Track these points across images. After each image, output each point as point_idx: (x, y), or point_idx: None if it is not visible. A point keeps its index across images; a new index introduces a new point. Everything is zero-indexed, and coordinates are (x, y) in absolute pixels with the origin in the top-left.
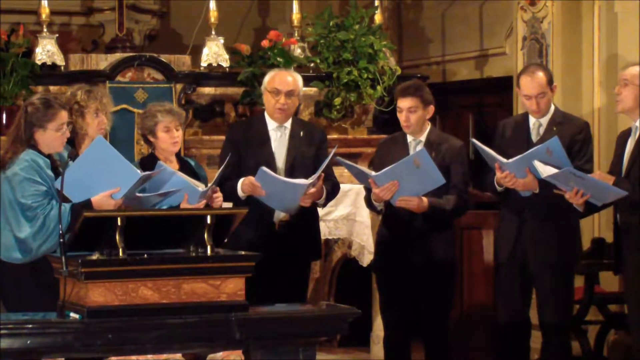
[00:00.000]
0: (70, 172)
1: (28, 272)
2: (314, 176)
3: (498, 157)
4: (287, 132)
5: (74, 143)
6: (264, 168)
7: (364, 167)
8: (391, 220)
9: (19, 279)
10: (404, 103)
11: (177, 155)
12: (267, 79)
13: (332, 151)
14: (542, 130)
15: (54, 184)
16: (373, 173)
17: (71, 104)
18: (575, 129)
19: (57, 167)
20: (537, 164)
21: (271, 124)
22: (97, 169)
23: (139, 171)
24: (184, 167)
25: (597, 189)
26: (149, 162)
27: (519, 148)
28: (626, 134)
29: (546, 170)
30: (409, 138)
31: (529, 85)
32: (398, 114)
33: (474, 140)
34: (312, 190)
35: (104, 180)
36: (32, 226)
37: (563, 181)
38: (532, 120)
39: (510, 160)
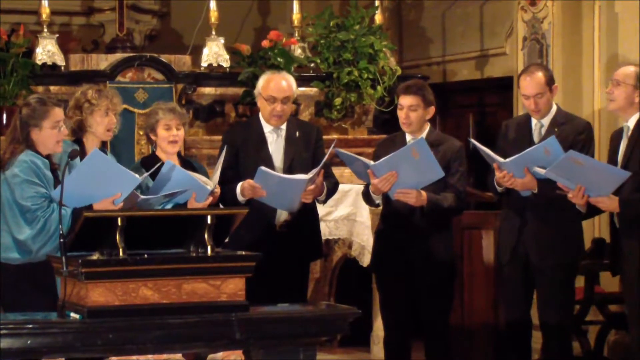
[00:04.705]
0: (67, 183)
1: (26, 272)
2: (313, 171)
3: (496, 157)
4: (283, 134)
5: (81, 142)
6: (263, 167)
7: (362, 157)
8: (390, 220)
9: (17, 279)
10: (405, 100)
11: (180, 156)
12: (261, 84)
13: (331, 148)
14: (543, 131)
15: (52, 193)
16: (372, 162)
17: (81, 102)
18: (577, 130)
19: (56, 169)
20: (536, 169)
21: (267, 127)
22: (95, 179)
23: (138, 176)
24: (187, 168)
25: (599, 173)
26: (150, 162)
27: (521, 149)
28: (619, 133)
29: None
30: (408, 137)
31: (527, 85)
32: (398, 111)
33: (473, 141)
34: (312, 186)
35: (103, 188)
36: (32, 228)
37: (565, 175)
38: (533, 121)
39: (508, 159)
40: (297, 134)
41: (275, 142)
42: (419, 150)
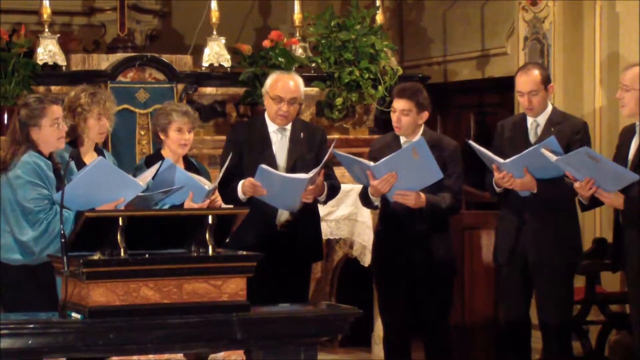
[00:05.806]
0: (70, 188)
1: (26, 272)
2: (314, 171)
3: (495, 157)
4: (288, 134)
5: (75, 143)
6: (263, 166)
7: (361, 159)
8: (389, 221)
9: (18, 279)
10: (398, 104)
11: (184, 157)
12: (269, 82)
13: (331, 148)
14: (539, 131)
15: (55, 195)
16: (371, 164)
17: (74, 106)
18: (574, 129)
19: (59, 169)
20: (546, 152)
21: (272, 126)
22: (99, 185)
23: (141, 183)
24: (190, 169)
25: (610, 173)
26: (154, 161)
27: (517, 148)
28: (629, 130)
29: (557, 156)
30: (402, 139)
31: (522, 81)
32: (391, 114)
33: (471, 142)
34: (312, 186)
35: (107, 193)
36: (34, 230)
37: (576, 166)
38: (529, 120)
39: (507, 160)
40: (302, 135)
41: (280, 142)
42: (419, 150)
